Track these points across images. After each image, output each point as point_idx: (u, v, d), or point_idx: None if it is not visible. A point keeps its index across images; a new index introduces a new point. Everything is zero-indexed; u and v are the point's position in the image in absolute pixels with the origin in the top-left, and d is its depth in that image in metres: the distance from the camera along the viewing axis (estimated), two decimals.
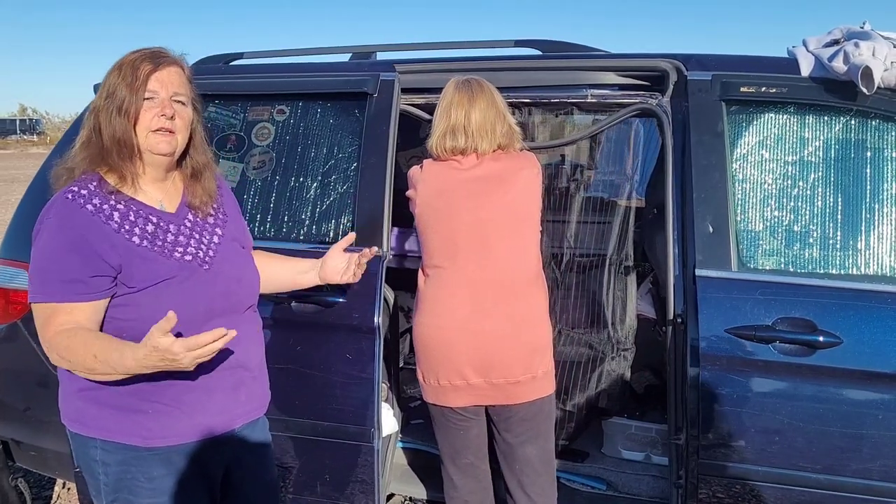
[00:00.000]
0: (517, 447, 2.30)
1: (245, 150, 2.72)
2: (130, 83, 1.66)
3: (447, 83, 2.34)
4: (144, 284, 1.65)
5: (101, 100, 1.68)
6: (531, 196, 2.27)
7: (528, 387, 2.22)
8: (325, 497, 2.53)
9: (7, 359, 2.93)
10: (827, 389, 2.11)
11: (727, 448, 2.19)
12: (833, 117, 2.28)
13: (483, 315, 2.19)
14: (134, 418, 1.68)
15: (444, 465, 2.41)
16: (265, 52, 3.11)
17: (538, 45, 2.72)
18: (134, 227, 1.68)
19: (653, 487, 2.74)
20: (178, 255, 1.72)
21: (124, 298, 1.66)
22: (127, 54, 1.72)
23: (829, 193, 2.24)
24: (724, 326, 2.15)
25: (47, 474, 3.12)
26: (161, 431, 1.70)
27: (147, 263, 1.66)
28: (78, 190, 1.65)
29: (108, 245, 1.62)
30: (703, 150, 2.30)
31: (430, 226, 2.27)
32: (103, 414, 1.69)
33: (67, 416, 1.75)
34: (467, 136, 2.24)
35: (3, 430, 2.98)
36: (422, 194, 2.27)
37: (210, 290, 1.75)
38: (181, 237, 1.76)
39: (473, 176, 2.25)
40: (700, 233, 2.24)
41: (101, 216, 1.64)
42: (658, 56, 2.50)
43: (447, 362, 2.22)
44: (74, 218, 1.62)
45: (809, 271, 2.20)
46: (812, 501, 2.17)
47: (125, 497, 1.72)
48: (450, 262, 2.23)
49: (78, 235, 1.61)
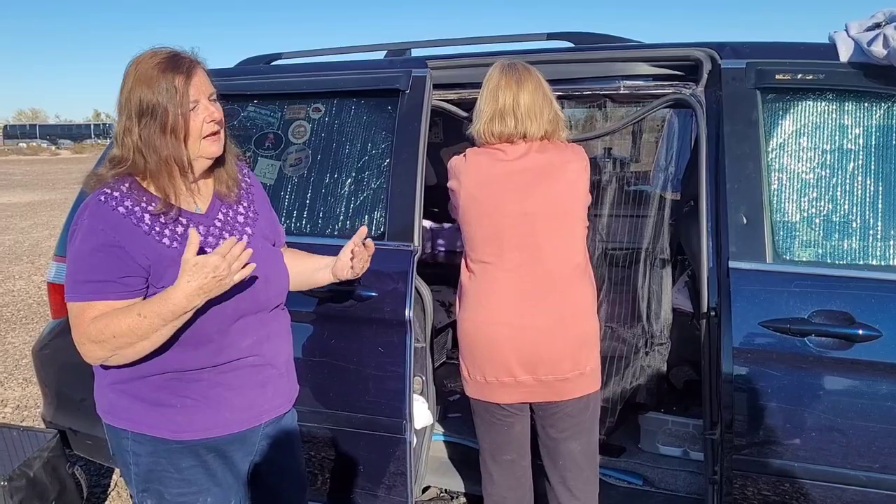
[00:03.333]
0: (561, 443, 2.28)
1: (282, 147, 2.78)
2: (172, 98, 1.63)
3: (491, 67, 2.29)
4: (170, 284, 1.64)
5: (136, 118, 1.65)
6: (579, 190, 2.22)
7: (576, 383, 2.19)
8: (359, 488, 2.58)
9: (64, 352, 3.06)
10: (865, 384, 2.05)
11: (762, 444, 2.15)
12: (873, 103, 2.20)
13: (531, 311, 2.15)
14: (163, 412, 1.72)
15: (484, 461, 2.39)
16: (303, 52, 3.17)
17: (570, 37, 2.71)
18: (164, 229, 1.69)
19: (689, 483, 2.70)
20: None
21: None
22: (143, 63, 1.67)
23: (868, 182, 2.17)
24: (759, 319, 2.11)
25: (103, 463, 3.24)
26: (189, 425, 1.74)
27: (176, 265, 1.64)
28: (110, 192, 1.67)
29: (139, 247, 1.64)
30: (736, 140, 2.25)
31: (475, 219, 2.22)
32: (134, 407, 1.73)
33: (101, 407, 1.81)
34: (517, 120, 2.19)
35: (62, 419, 3.12)
36: (465, 185, 2.22)
37: (238, 290, 1.74)
38: (210, 238, 1.77)
39: (519, 168, 2.19)
40: (734, 224, 2.20)
41: (133, 218, 1.66)
42: (691, 45, 2.46)
43: (494, 359, 2.18)
44: (107, 219, 1.63)
45: (848, 263, 2.14)
46: (847, 498, 2.11)
47: (155, 488, 1.77)
48: (496, 256, 2.19)
49: (110, 237, 1.62)
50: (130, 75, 1.66)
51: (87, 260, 1.63)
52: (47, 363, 3.13)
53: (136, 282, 1.66)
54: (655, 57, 2.53)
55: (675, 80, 2.51)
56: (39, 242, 11.15)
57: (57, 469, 2.91)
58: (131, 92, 1.65)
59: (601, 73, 2.57)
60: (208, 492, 1.80)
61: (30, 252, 10.32)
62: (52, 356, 3.10)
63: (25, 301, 7.47)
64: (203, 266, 1.56)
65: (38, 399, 4.62)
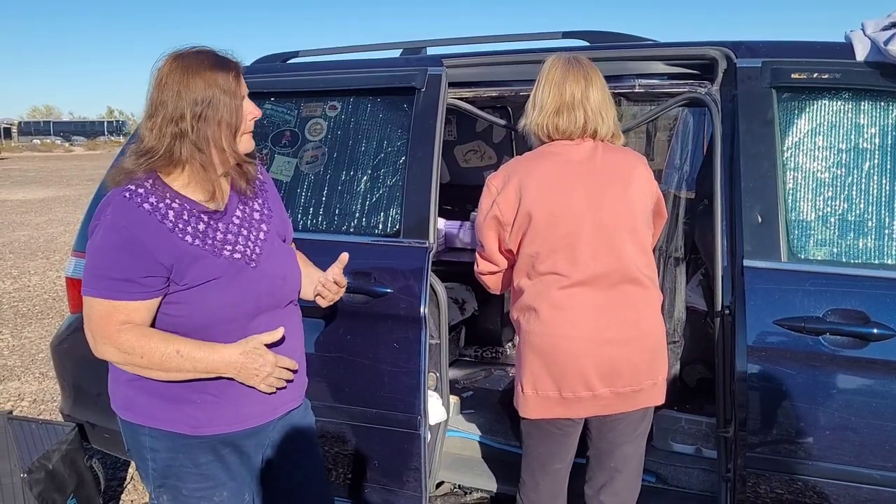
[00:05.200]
0: (617, 447, 2.23)
1: (299, 145, 2.81)
2: (228, 94, 1.68)
3: (549, 60, 2.19)
4: (195, 282, 1.69)
5: (189, 111, 1.66)
6: (649, 195, 2.15)
7: (650, 393, 2.14)
8: (374, 482, 2.60)
9: (82, 346, 3.07)
10: (879, 383, 2.05)
11: (776, 442, 2.15)
12: (890, 103, 2.20)
13: (608, 324, 2.06)
14: (182, 408, 1.75)
15: (532, 470, 2.30)
16: (320, 50, 3.19)
17: (585, 35, 2.71)
18: (187, 226, 1.70)
19: (702, 481, 2.70)
20: (227, 254, 1.75)
21: (175, 296, 1.69)
22: (189, 59, 1.69)
23: (884, 181, 2.17)
24: (773, 318, 2.11)
25: (119, 456, 3.29)
26: (208, 420, 1.76)
27: (198, 262, 1.69)
28: (135, 189, 1.67)
29: (162, 244, 1.65)
30: (752, 139, 2.26)
31: (544, 229, 2.07)
32: (152, 403, 1.75)
33: (117, 403, 1.83)
34: (587, 117, 2.09)
35: (80, 413, 3.15)
36: (530, 195, 2.07)
37: (256, 287, 1.78)
38: (229, 235, 1.78)
39: (589, 169, 2.09)
40: (748, 223, 2.20)
41: (157, 215, 1.66)
42: (707, 44, 2.46)
43: (573, 373, 2.07)
44: (130, 217, 1.64)
45: (863, 262, 2.14)
46: (861, 497, 2.11)
47: (172, 483, 1.80)
48: (569, 266, 2.06)
49: (133, 235, 1.63)
50: (178, 70, 1.67)
51: (109, 256, 1.64)
52: (65, 357, 3.17)
53: (157, 282, 1.67)
54: (670, 56, 2.53)
55: (691, 79, 2.51)
56: (54, 238, 11.25)
57: (75, 462, 2.94)
58: (182, 86, 1.66)
59: (616, 71, 2.57)
60: (224, 486, 1.83)
61: (45, 248, 10.41)
62: (70, 350, 3.13)
63: (41, 296, 7.54)
64: (260, 356, 1.73)
65: (55, 393, 4.67)
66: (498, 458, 2.94)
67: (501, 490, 2.76)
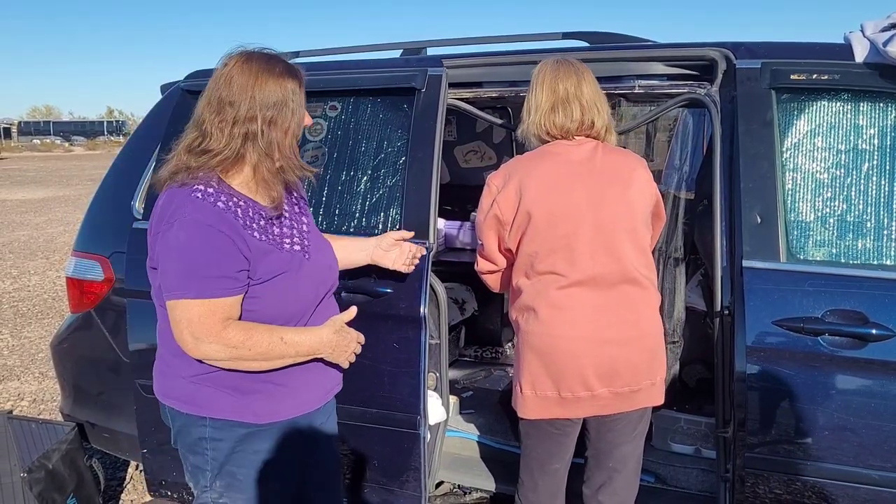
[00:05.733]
0: (615, 447, 2.24)
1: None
2: (297, 99, 1.75)
3: (539, 65, 2.22)
4: (266, 277, 1.73)
5: (261, 113, 1.69)
6: (649, 197, 2.17)
7: (648, 393, 2.15)
8: (374, 482, 2.61)
9: (82, 346, 3.11)
10: (878, 383, 2.06)
11: (775, 442, 2.16)
12: (889, 104, 2.20)
13: (608, 324, 2.07)
14: (247, 398, 1.79)
15: (530, 470, 2.30)
16: (320, 51, 3.19)
17: (585, 36, 2.71)
18: (252, 223, 1.73)
19: (701, 481, 2.71)
20: (287, 247, 1.81)
21: (250, 290, 1.73)
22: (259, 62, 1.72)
23: (883, 182, 2.17)
24: (772, 318, 2.12)
25: (119, 455, 3.29)
26: (274, 408, 1.82)
27: (268, 257, 1.73)
28: (204, 189, 1.68)
29: (242, 240, 1.68)
30: (751, 140, 2.26)
31: (544, 228, 2.08)
32: (218, 395, 1.78)
33: (177, 398, 1.83)
34: (583, 109, 2.11)
35: (79, 412, 3.16)
36: (530, 194, 2.08)
37: (315, 278, 1.86)
38: (284, 229, 1.84)
39: (589, 170, 2.10)
40: (748, 223, 2.21)
41: (230, 214, 1.69)
42: (707, 45, 2.46)
43: (572, 374, 2.07)
44: (211, 216, 1.65)
45: (861, 262, 2.14)
46: (859, 497, 2.12)
47: (229, 469, 1.83)
48: (568, 266, 2.07)
49: (220, 232, 1.65)
50: (250, 72, 1.70)
51: (202, 255, 1.65)
52: (65, 357, 3.18)
53: (245, 276, 1.70)
54: (670, 56, 2.54)
55: (690, 80, 2.51)
56: (54, 238, 11.25)
57: (75, 461, 2.95)
58: (256, 88, 1.69)
59: (616, 72, 2.58)
60: (277, 470, 1.87)
61: (44, 248, 10.41)
62: (70, 350, 3.15)
63: (41, 296, 7.54)
64: (348, 333, 1.88)
65: (55, 393, 4.68)
66: (497, 458, 2.94)
67: (500, 490, 2.76)
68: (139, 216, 2.90)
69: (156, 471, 2.86)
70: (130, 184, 3.01)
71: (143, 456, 2.87)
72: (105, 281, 2.93)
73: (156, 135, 2.99)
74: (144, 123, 3.20)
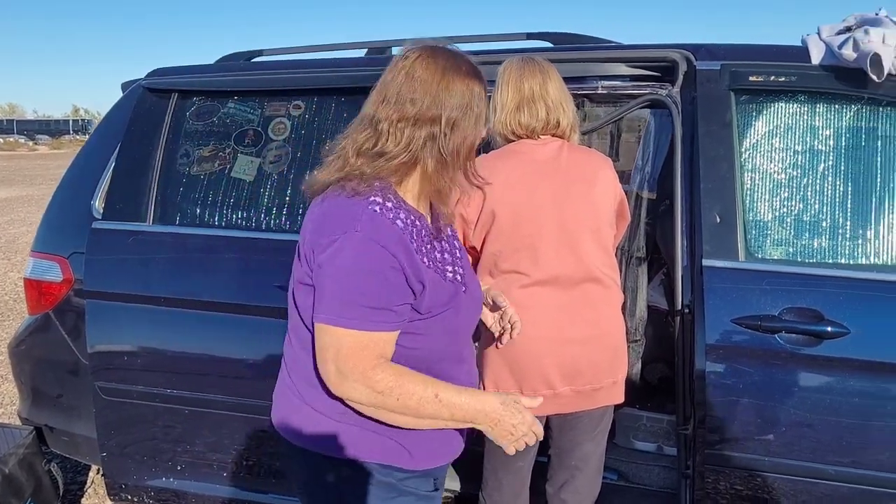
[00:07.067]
0: (577, 445, 2.26)
1: (262, 144, 2.78)
2: (482, 97, 1.54)
3: (504, 63, 2.20)
4: (433, 310, 1.52)
5: (446, 112, 1.48)
6: (613, 197, 2.18)
7: (609, 391, 2.16)
8: None
9: (40, 348, 3.05)
10: (834, 380, 2.09)
11: (734, 439, 2.19)
12: (843, 105, 2.25)
13: (570, 323, 2.08)
14: (399, 442, 1.56)
15: (495, 469, 2.29)
16: (284, 49, 3.18)
17: (549, 37, 2.73)
18: (422, 247, 1.51)
19: (663, 478, 2.74)
20: (449, 276, 1.57)
21: (413, 325, 1.51)
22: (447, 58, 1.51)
23: (838, 182, 2.22)
24: (731, 317, 2.15)
25: (79, 459, 3.23)
26: (423, 455, 1.60)
27: (435, 287, 1.51)
28: (383, 202, 1.46)
29: (414, 269, 1.46)
30: (711, 141, 2.29)
31: (507, 227, 2.08)
32: (367, 437, 1.55)
33: (317, 439, 1.58)
34: (548, 109, 2.10)
35: (37, 416, 3.10)
36: (495, 193, 2.05)
37: (473, 313, 1.63)
38: (446, 254, 1.60)
39: (554, 169, 2.10)
40: (707, 223, 2.23)
41: (408, 235, 1.46)
42: (668, 46, 2.49)
43: (534, 373, 2.08)
44: (385, 236, 1.43)
45: (817, 261, 2.18)
46: (817, 492, 2.16)
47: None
48: (530, 266, 2.07)
49: (389, 257, 1.42)
50: (435, 68, 1.50)
51: (365, 281, 1.43)
52: (23, 360, 3.11)
53: (407, 310, 1.48)
54: (633, 58, 2.56)
55: (652, 81, 2.54)
56: (16, 238, 11.02)
57: (33, 466, 2.89)
58: (441, 87, 1.48)
59: (580, 72, 2.60)
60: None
61: (6, 248, 10.20)
62: (28, 353, 3.08)
63: (1, 298, 7.39)
64: (519, 412, 1.52)
65: (13, 396, 4.58)
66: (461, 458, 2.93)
67: (465, 490, 2.76)
68: (99, 216, 2.85)
69: (116, 474, 2.81)
70: (90, 183, 2.96)
71: (102, 459, 2.83)
72: (64, 282, 2.88)
73: (116, 133, 2.94)
74: (105, 122, 3.14)
